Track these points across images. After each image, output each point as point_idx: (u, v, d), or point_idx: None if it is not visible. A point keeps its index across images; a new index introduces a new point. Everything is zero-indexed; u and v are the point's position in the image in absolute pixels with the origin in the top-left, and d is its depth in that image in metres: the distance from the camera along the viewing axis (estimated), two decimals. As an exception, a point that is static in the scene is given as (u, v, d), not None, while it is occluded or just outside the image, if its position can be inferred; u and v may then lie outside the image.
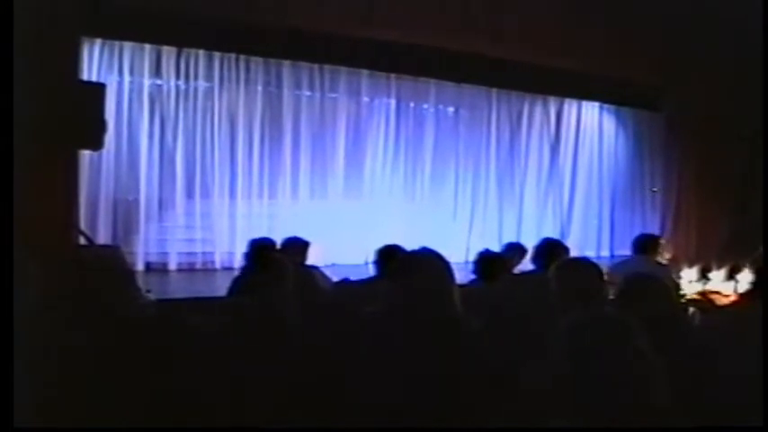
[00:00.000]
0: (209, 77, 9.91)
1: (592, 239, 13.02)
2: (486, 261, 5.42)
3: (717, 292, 7.10)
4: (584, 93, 12.50)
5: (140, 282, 5.64)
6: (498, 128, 12.22)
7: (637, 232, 11.99)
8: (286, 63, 10.31)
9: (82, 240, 7.58)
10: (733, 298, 6.38)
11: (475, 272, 5.39)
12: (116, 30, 8.77)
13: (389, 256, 4.79)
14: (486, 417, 2.64)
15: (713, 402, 2.68)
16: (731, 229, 11.64)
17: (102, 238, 8.82)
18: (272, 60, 10.20)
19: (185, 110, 9.81)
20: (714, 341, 3.34)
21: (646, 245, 7.08)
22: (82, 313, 2.74)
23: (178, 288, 8.68)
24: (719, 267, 7.77)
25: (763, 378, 2.79)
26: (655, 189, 13.12)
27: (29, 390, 2.36)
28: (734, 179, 12.13)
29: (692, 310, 6.33)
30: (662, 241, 7.37)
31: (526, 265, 6.35)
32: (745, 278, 6.40)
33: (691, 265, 8.17)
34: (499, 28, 10.02)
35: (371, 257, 5.33)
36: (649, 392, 2.02)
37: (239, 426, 2.82)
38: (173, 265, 9.65)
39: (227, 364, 2.95)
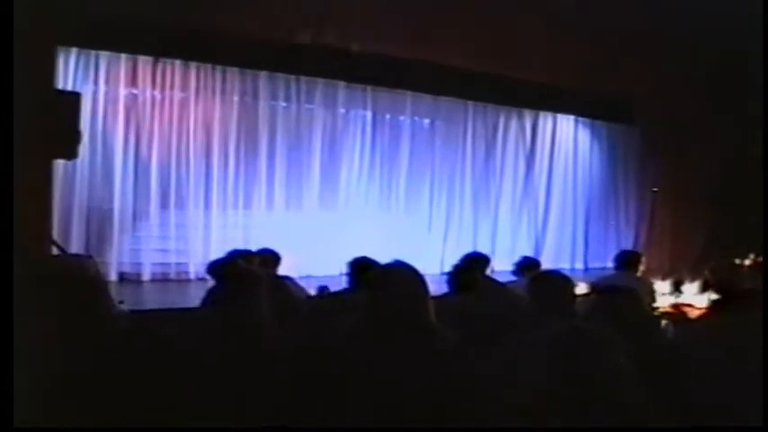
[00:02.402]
0: (184, 87, 9.87)
1: (566, 252, 13.07)
2: (461, 273, 5.43)
3: (689, 305, 7.15)
4: (559, 106, 12.60)
5: (113, 292, 5.61)
6: (474, 140, 12.29)
7: (611, 245, 12.21)
8: (262, 74, 10.30)
9: (54, 250, 7.53)
10: (700, 311, 6.41)
11: (449, 283, 5.39)
12: (92, 39, 8.74)
13: (361, 267, 4.79)
14: (462, 428, 2.66)
15: (688, 416, 2.72)
16: (705, 241, 11.77)
17: (76, 247, 8.74)
18: (249, 71, 10.19)
19: (161, 120, 9.75)
20: (685, 351, 3.38)
21: (629, 260, 7.15)
22: (54, 324, 2.72)
23: (152, 299, 8.64)
24: (693, 280, 7.82)
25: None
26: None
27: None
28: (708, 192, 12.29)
29: (664, 322, 6.37)
30: (643, 258, 7.44)
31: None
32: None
33: (664, 278, 8.24)
34: (475, 42, 10.09)
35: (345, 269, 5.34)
36: (624, 402, 2.04)
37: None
38: (146, 276, 9.59)
39: (202, 374, 2.94)
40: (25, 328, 2.46)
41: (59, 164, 8.23)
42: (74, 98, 7.34)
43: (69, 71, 8.99)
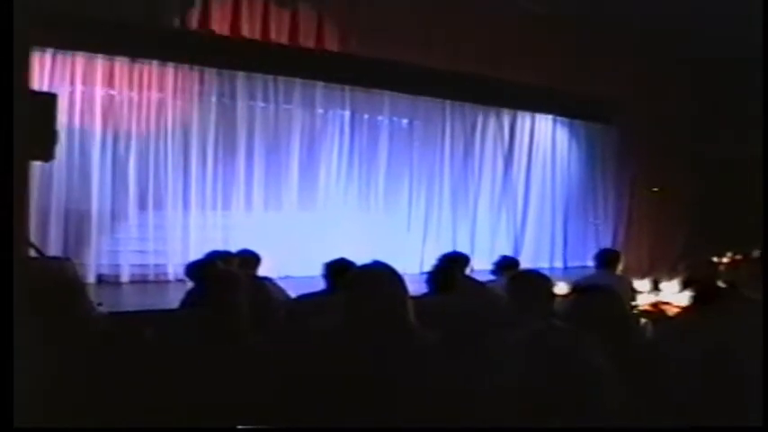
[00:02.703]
0: (162, 88, 9.82)
1: (545, 250, 13.12)
2: (440, 272, 5.43)
3: (668, 303, 7.19)
4: (537, 106, 12.63)
5: (92, 294, 5.57)
6: (452, 140, 12.32)
7: (590, 243, 12.24)
8: (240, 74, 10.27)
9: (32, 252, 7.48)
10: (679, 309, 6.43)
11: (429, 283, 5.38)
12: (69, 40, 8.68)
13: (339, 269, 4.77)
14: (444, 428, 2.66)
15: (668, 414, 2.73)
16: (685, 240, 11.84)
17: (53, 250, 8.68)
18: (226, 72, 10.15)
19: (138, 120, 9.69)
20: (665, 349, 3.41)
21: (608, 259, 7.17)
22: (32, 326, 2.71)
23: (130, 301, 8.58)
24: (671, 279, 7.86)
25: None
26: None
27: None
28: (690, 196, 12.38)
29: (643, 320, 6.41)
30: (622, 257, 7.47)
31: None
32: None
33: (643, 277, 8.28)
34: (453, 41, 10.10)
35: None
36: (603, 402, 2.05)
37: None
38: (125, 278, 9.52)
39: (181, 376, 2.93)
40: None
41: (36, 165, 8.17)
42: (50, 99, 7.29)
43: (45, 72, 8.92)
